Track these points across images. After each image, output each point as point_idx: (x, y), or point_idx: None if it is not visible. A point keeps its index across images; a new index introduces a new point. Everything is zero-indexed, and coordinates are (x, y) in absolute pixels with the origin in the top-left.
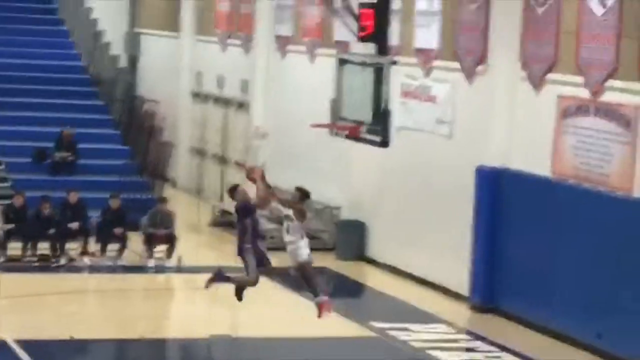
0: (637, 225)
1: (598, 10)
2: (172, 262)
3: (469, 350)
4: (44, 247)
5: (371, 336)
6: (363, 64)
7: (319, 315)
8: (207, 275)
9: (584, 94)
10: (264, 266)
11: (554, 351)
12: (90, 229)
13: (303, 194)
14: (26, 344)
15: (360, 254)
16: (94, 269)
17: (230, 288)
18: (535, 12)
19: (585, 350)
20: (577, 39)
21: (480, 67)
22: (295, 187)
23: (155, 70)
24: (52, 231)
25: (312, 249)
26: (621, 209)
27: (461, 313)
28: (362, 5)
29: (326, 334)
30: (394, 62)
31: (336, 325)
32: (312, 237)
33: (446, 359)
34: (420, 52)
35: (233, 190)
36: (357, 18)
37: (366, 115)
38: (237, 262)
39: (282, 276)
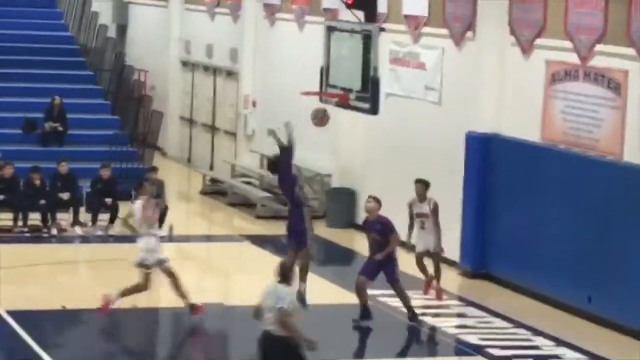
0: (627, 189)
1: None
2: (162, 231)
3: (460, 315)
4: (34, 218)
5: None
6: (351, 32)
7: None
8: (198, 244)
9: (573, 58)
10: None
11: (545, 316)
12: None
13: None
14: (18, 315)
15: (350, 221)
16: (85, 239)
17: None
18: None
19: (575, 314)
20: (566, 4)
21: (469, 33)
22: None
23: (144, 39)
24: (42, 202)
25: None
26: (611, 173)
27: (452, 279)
28: None
29: (317, 301)
30: (383, 29)
31: (327, 292)
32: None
33: (438, 324)
34: (408, 18)
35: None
36: None
37: (355, 82)
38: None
39: None
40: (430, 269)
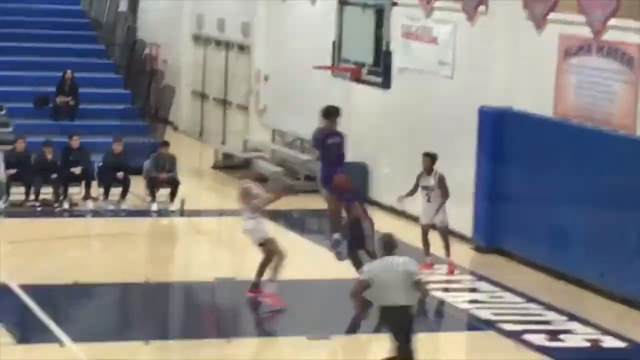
0: None
1: None
2: (174, 205)
3: (472, 290)
4: (46, 192)
5: None
6: (364, 6)
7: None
8: (210, 219)
9: (586, 33)
10: None
11: (557, 290)
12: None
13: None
14: (30, 289)
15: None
16: (96, 214)
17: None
18: None
19: (588, 289)
20: None
21: (481, 8)
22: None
23: (156, 13)
24: (54, 176)
25: (313, 192)
26: (624, 148)
27: (464, 254)
28: None
29: (327, 276)
30: (395, 3)
31: (337, 267)
32: (314, 180)
33: (450, 299)
34: None
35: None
36: None
37: (367, 57)
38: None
39: None
40: (440, 246)
